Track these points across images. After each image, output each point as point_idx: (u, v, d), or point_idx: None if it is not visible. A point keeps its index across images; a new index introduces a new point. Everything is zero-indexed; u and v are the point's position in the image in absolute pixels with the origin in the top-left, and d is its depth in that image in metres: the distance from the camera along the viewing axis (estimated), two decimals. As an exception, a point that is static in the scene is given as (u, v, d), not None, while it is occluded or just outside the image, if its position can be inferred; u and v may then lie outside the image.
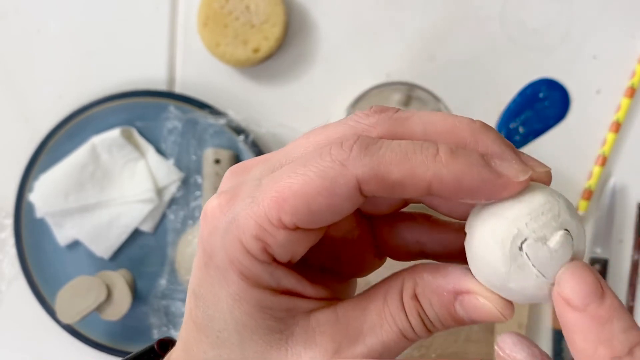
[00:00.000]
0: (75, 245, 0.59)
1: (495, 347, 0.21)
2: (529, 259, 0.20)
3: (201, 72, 0.61)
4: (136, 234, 0.59)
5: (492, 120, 0.60)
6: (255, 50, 0.57)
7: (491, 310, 0.21)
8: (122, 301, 0.56)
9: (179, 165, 0.59)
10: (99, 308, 0.56)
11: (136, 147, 0.59)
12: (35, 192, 0.58)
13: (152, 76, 0.61)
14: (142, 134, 0.59)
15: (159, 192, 0.58)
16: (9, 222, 0.61)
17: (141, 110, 0.59)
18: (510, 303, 0.21)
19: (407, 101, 0.56)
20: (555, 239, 0.20)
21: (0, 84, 0.62)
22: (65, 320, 0.55)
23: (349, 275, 0.25)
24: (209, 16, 0.58)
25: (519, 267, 0.20)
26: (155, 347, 0.29)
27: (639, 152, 0.60)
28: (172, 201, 0.59)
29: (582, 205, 0.59)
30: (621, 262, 0.60)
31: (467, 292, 0.21)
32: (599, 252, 0.59)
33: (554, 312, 0.59)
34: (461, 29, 0.60)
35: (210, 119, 0.58)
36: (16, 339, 0.62)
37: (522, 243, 0.20)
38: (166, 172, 0.58)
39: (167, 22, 0.61)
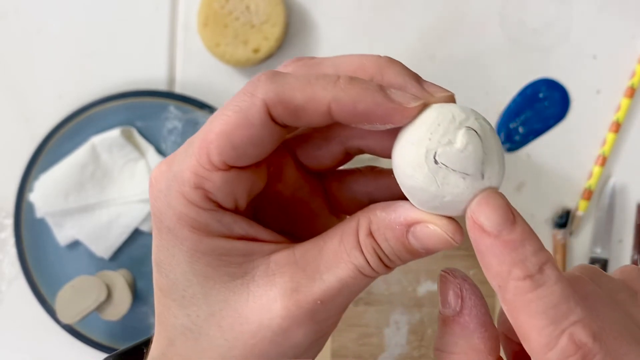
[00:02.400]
0: (75, 245, 0.59)
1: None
2: (446, 166, 0.21)
3: (201, 72, 0.61)
4: (136, 234, 0.59)
5: (492, 121, 0.60)
6: (255, 51, 0.57)
7: (441, 236, 0.22)
8: (122, 301, 0.56)
9: (179, 165, 0.59)
10: (99, 308, 0.56)
11: (136, 147, 0.59)
12: (36, 192, 0.58)
13: (152, 76, 0.61)
14: (142, 134, 0.59)
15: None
16: (9, 222, 0.61)
17: (141, 110, 0.59)
18: (458, 226, 0.22)
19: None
20: (459, 138, 0.21)
21: (0, 84, 0.62)
22: (65, 320, 0.55)
23: (308, 235, 0.25)
24: (209, 16, 0.58)
25: (444, 178, 0.21)
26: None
27: (639, 152, 0.60)
28: (172, 201, 0.59)
29: (582, 205, 0.59)
30: (621, 262, 0.60)
31: (418, 222, 0.22)
32: (599, 252, 0.59)
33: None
34: (461, 29, 0.60)
35: (211, 119, 0.58)
36: (16, 339, 0.62)
37: (434, 157, 0.21)
38: (166, 172, 0.58)
39: (167, 22, 0.61)
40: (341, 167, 0.27)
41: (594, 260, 0.59)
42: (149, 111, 0.59)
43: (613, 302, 0.23)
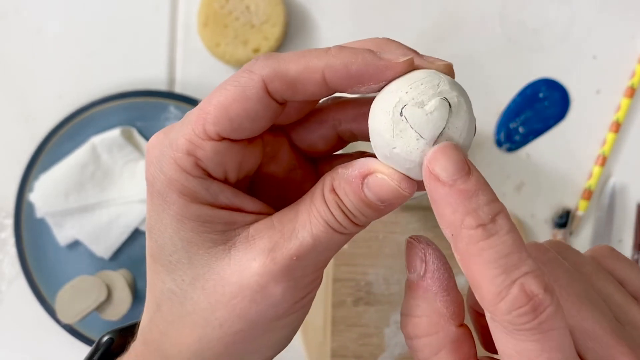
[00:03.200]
0: (75, 245, 0.59)
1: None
2: (407, 121, 0.22)
3: (201, 72, 0.61)
4: (136, 233, 0.59)
5: (492, 121, 0.60)
6: (255, 51, 0.57)
7: (390, 185, 0.23)
8: (122, 301, 0.56)
9: (179, 165, 0.59)
10: (99, 308, 0.56)
11: (136, 147, 0.59)
12: (36, 192, 0.58)
13: (153, 76, 0.61)
14: (143, 134, 0.59)
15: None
16: (9, 222, 0.61)
17: (141, 110, 0.59)
18: (407, 177, 0.23)
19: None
20: (431, 103, 0.22)
21: (0, 84, 0.62)
22: (66, 320, 0.55)
23: None
24: (209, 16, 0.58)
25: (401, 131, 0.22)
26: None
27: (639, 152, 0.60)
28: (172, 201, 0.59)
29: (582, 205, 0.59)
30: (621, 262, 0.60)
31: (370, 173, 0.23)
32: (599, 252, 0.59)
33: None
34: (461, 29, 0.60)
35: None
36: (16, 339, 0.62)
37: (402, 109, 0.22)
38: (166, 172, 0.58)
39: (167, 22, 0.61)
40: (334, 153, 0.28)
41: (594, 260, 0.59)
42: (149, 111, 0.59)
43: (576, 273, 0.24)
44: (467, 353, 0.23)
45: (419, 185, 0.23)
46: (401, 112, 0.22)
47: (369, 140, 0.24)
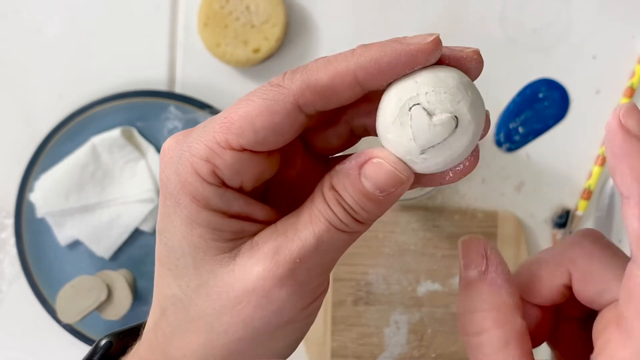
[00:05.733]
0: (75, 245, 0.59)
1: None
2: (410, 120, 0.22)
3: (201, 72, 0.61)
4: (136, 233, 0.59)
5: (492, 121, 0.60)
6: (256, 51, 0.57)
7: (389, 169, 0.23)
8: (123, 301, 0.56)
9: (179, 165, 0.59)
10: (100, 308, 0.56)
11: (136, 147, 0.59)
12: (36, 192, 0.58)
13: (153, 76, 0.61)
14: (143, 134, 0.59)
15: (160, 192, 0.58)
16: (10, 222, 0.61)
17: (142, 110, 0.59)
18: (404, 164, 0.23)
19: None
20: (440, 117, 0.22)
21: (0, 84, 0.62)
22: (66, 320, 0.55)
23: None
24: (210, 16, 0.58)
25: (401, 123, 0.22)
26: None
27: (639, 152, 0.60)
28: (173, 201, 0.59)
29: (582, 205, 0.59)
30: (621, 261, 0.60)
31: (367, 160, 0.23)
32: (599, 252, 0.59)
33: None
34: (461, 29, 0.60)
35: (211, 119, 0.58)
36: (16, 339, 0.62)
37: (413, 105, 0.22)
38: (166, 172, 0.58)
39: (167, 22, 0.61)
40: (344, 152, 0.28)
41: (593, 260, 0.59)
42: (149, 111, 0.59)
43: None
44: (529, 346, 0.24)
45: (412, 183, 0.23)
46: (410, 108, 0.22)
47: None
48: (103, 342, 0.30)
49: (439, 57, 0.23)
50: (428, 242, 0.58)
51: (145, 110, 0.59)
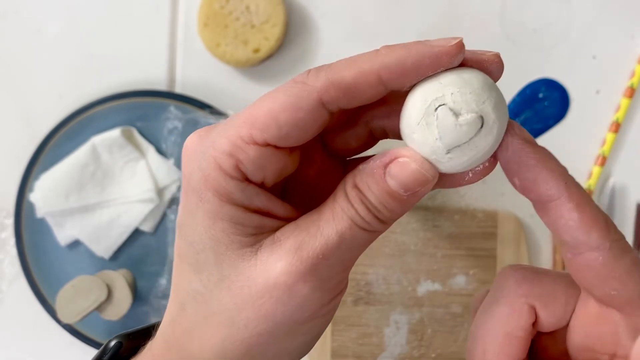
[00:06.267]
0: (75, 245, 0.60)
1: None
2: (436, 119, 0.22)
3: (201, 72, 0.61)
4: (136, 233, 0.59)
5: (492, 120, 0.60)
6: (256, 51, 0.57)
7: (414, 168, 0.23)
8: (123, 301, 0.56)
9: (179, 165, 0.59)
10: (100, 308, 0.56)
11: (136, 147, 0.59)
12: (36, 192, 0.58)
13: (153, 76, 0.61)
14: (143, 134, 0.59)
15: (160, 192, 0.59)
16: (10, 221, 0.61)
17: (141, 110, 0.59)
18: (430, 163, 0.23)
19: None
20: (466, 117, 0.22)
21: (0, 84, 0.62)
22: (66, 320, 0.55)
23: None
24: (210, 16, 0.58)
25: (427, 123, 0.22)
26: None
27: (639, 152, 0.60)
28: (173, 201, 0.59)
29: (582, 205, 0.59)
30: (621, 261, 0.60)
31: (392, 159, 0.23)
32: (599, 252, 0.59)
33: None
34: (461, 28, 0.60)
35: (211, 119, 0.58)
36: (16, 339, 0.62)
37: (439, 106, 0.22)
38: (166, 172, 0.58)
39: (167, 22, 0.61)
40: (361, 154, 0.28)
41: (593, 260, 0.59)
42: (149, 111, 0.59)
43: None
44: None
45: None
46: (436, 108, 0.22)
47: (400, 138, 0.25)
48: (113, 342, 0.30)
49: (462, 59, 0.23)
50: (428, 242, 0.58)
51: (145, 110, 0.59)
